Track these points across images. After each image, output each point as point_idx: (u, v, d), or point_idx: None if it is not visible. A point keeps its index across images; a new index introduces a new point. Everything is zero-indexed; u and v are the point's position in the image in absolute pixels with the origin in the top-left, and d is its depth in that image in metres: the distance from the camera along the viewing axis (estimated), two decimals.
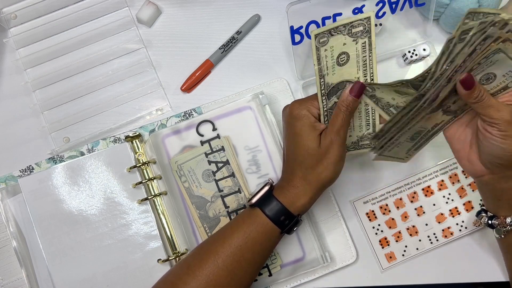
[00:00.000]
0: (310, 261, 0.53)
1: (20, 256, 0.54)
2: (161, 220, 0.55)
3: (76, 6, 0.61)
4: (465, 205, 0.56)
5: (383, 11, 0.55)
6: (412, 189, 0.56)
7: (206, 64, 0.59)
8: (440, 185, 0.56)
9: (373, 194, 0.56)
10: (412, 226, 0.55)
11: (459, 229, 0.55)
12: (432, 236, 0.55)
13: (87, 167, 0.55)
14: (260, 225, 0.46)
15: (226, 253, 0.45)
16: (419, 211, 0.56)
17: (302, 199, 0.46)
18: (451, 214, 0.56)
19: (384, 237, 0.55)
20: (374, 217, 0.56)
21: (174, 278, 0.46)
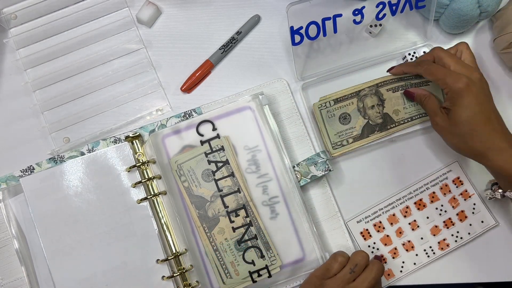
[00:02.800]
0: (310, 262, 0.53)
1: (21, 256, 0.54)
2: (161, 219, 0.55)
3: (76, 7, 0.61)
4: (459, 215, 0.56)
5: (383, 13, 0.55)
6: (404, 203, 0.56)
7: (206, 65, 0.59)
8: (432, 197, 0.56)
9: (366, 212, 0.56)
10: (407, 241, 0.55)
11: (455, 240, 0.55)
12: (428, 249, 0.55)
13: (87, 167, 0.55)
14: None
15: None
16: (413, 226, 0.56)
17: None
18: (445, 226, 0.55)
19: (381, 254, 0.55)
20: (368, 235, 0.55)
21: None
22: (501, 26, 0.57)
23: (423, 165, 0.57)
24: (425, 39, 0.59)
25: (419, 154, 0.57)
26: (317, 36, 0.54)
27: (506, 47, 0.56)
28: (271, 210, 0.54)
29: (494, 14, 0.57)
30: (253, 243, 0.53)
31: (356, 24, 0.55)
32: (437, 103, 0.52)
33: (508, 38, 0.55)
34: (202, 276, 0.53)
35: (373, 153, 0.57)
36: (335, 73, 0.58)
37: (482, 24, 0.61)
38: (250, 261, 0.53)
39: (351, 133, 0.55)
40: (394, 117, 0.56)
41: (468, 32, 0.60)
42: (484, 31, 0.60)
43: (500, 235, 0.55)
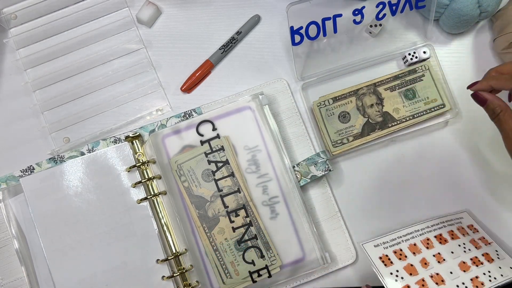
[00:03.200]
0: (310, 262, 0.53)
1: (21, 256, 0.54)
2: (161, 219, 0.55)
3: (76, 7, 0.61)
4: (485, 256, 0.51)
5: (383, 13, 0.55)
6: (425, 235, 0.52)
7: (206, 65, 0.59)
8: (452, 234, 0.52)
9: (382, 238, 0.51)
10: (436, 274, 0.49)
11: (489, 279, 0.49)
12: (461, 285, 0.48)
13: (87, 167, 0.55)
14: None
15: None
16: (438, 258, 0.50)
17: None
18: (473, 263, 0.50)
19: (407, 285, 0.47)
20: (389, 262, 0.49)
21: None
22: (501, 26, 0.57)
23: (424, 165, 0.57)
24: (425, 39, 0.59)
25: (420, 154, 0.57)
26: (317, 36, 0.54)
27: (506, 47, 0.56)
28: (271, 210, 0.54)
29: (494, 14, 0.57)
30: (253, 243, 0.53)
31: (356, 24, 0.55)
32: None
33: (508, 38, 0.55)
34: (202, 276, 0.53)
35: (373, 153, 0.57)
36: (335, 73, 0.58)
37: (482, 24, 0.61)
38: (250, 261, 0.53)
39: (351, 132, 0.55)
40: (394, 115, 0.56)
41: (468, 32, 0.60)
42: (484, 31, 0.60)
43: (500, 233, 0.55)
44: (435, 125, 0.57)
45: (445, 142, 0.58)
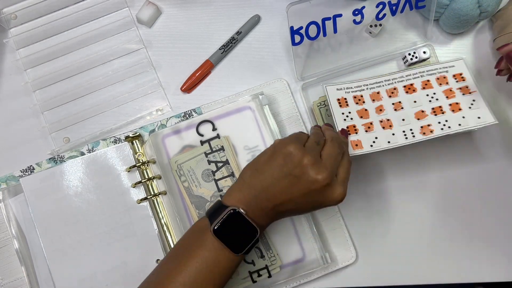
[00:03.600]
0: (310, 262, 0.53)
1: (21, 256, 0.54)
2: (160, 220, 0.55)
3: (76, 7, 0.61)
4: (452, 106, 0.51)
5: (383, 13, 0.55)
6: (393, 85, 0.53)
7: (206, 65, 0.59)
8: (425, 84, 0.53)
9: (348, 84, 0.53)
10: (386, 119, 0.52)
11: (441, 127, 0.50)
12: (408, 131, 0.51)
13: (87, 167, 0.55)
14: (235, 262, 0.45)
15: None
16: (396, 106, 0.52)
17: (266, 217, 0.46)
18: (433, 113, 0.51)
19: (353, 124, 0.51)
20: (345, 104, 0.52)
21: None
22: (501, 26, 0.57)
23: (426, 165, 0.57)
24: (425, 39, 0.59)
25: (420, 154, 0.57)
26: (317, 36, 0.54)
27: None
28: None
29: (494, 14, 0.57)
30: None
31: (356, 24, 0.55)
32: None
33: (508, 38, 0.55)
34: None
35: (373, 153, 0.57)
36: (335, 73, 0.58)
37: (482, 24, 0.61)
38: (250, 261, 0.53)
39: None
40: None
41: (468, 32, 0.60)
42: (484, 31, 0.60)
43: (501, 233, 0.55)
44: None
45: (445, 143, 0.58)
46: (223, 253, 0.43)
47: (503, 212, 0.56)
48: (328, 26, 0.54)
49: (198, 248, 0.43)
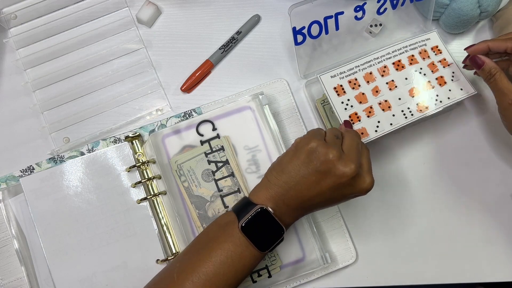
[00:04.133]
0: (310, 262, 0.53)
1: (21, 256, 0.54)
2: (160, 220, 0.55)
3: (76, 6, 0.61)
4: (438, 80, 0.54)
5: (384, 7, 0.55)
6: (382, 63, 0.55)
7: (206, 64, 0.59)
8: (411, 59, 0.55)
9: (341, 68, 0.54)
10: (384, 101, 0.53)
11: (434, 103, 0.53)
12: (406, 110, 0.53)
13: (87, 167, 0.55)
14: (258, 259, 0.45)
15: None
16: (390, 85, 0.54)
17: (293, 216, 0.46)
18: (424, 88, 0.54)
19: (355, 112, 0.53)
20: (342, 92, 0.54)
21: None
22: (501, 26, 0.57)
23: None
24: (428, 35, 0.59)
25: (421, 153, 0.57)
26: (319, 35, 0.54)
27: None
28: None
29: (494, 14, 0.57)
30: None
31: (358, 20, 0.55)
32: (509, 80, 0.49)
33: None
34: None
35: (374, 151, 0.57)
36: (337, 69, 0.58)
37: (482, 24, 0.61)
38: None
39: None
40: None
41: (468, 32, 0.60)
42: (484, 31, 0.60)
43: (501, 233, 0.55)
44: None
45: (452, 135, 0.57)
46: (248, 249, 0.43)
47: (503, 212, 0.56)
48: (330, 25, 0.54)
49: (223, 241, 0.44)
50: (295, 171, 0.44)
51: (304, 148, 0.44)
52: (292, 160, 0.45)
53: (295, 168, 0.44)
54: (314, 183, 0.44)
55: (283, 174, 0.45)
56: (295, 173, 0.44)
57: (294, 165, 0.44)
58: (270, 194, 0.45)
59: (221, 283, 0.42)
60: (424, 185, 0.57)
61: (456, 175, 0.57)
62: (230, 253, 0.43)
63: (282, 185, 0.44)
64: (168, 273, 0.45)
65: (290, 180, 0.44)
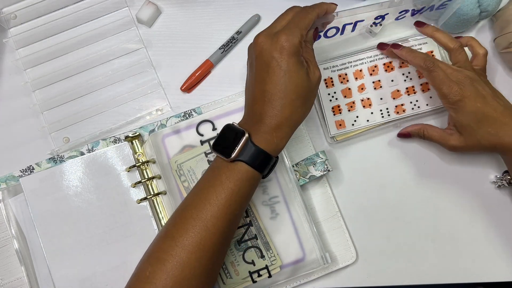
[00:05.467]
0: (310, 262, 0.53)
1: (21, 256, 0.54)
2: (160, 220, 0.55)
3: (76, 6, 0.61)
4: (422, 86, 0.57)
5: (404, 16, 0.56)
6: (374, 62, 0.57)
7: (206, 64, 0.59)
8: (402, 63, 0.57)
9: (334, 61, 0.57)
10: (367, 98, 0.57)
11: (412, 107, 0.56)
12: (384, 110, 0.56)
13: (87, 167, 0.55)
14: (244, 176, 0.44)
15: (213, 214, 0.43)
16: (376, 85, 0.57)
17: (284, 141, 0.46)
18: (407, 92, 0.56)
19: (338, 105, 0.56)
20: (331, 84, 0.57)
21: (162, 254, 0.43)
22: (502, 26, 0.57)
23: (427, 161, 0.57)
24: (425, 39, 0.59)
25: (422, 153, 0.57)
26: (334, 35, 0.56)
27: (507, 46, 0.56)
28: (271, 210, 0.54)
29: (494, 13, 0.57)
30: (253, 243, 0.53)
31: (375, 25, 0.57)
32: (438, 129, 0.54)
33: (509, 38, 0.55)
34: None
35: (373, 154, 0.57)
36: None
37: (482, 24, 0.60)
38: (250, 261, 0.53)
39: None
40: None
41: (468, 32, 0.60)
42: (484, 31, 0.60)
43: (501, 233, 0.55)
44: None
45: None
46: (221, 162, 0.45)
47: (504, 212, 0.56)
48: (347, 28, 0.55)
49: (209, 170, 0.46)
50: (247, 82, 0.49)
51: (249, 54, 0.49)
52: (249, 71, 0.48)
53: (248, 78, 0.48)
54: (259, 82, 0.45)
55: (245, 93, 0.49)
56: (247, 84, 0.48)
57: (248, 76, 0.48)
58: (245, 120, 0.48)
59: (206, 204, 0.44)
60: (424, 185, 0.57)
61: (456, 175, 0.57)
62: (207, 175, 0.46)
63: (246, 102, 0.48)
64: (181, 211, 0.46)
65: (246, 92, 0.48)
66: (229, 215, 0.44)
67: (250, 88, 0.47)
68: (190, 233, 0.43)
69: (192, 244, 0.43)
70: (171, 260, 0.42)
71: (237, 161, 0.44)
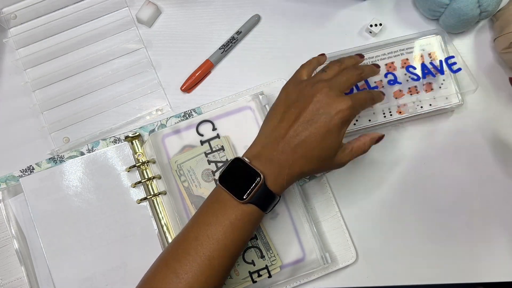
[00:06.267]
0: (310, 262, 0.53)
1: (21, 256, 0.54)
2: (160, 220, 0.55)
3: (76, 6, 0.61)
4: (426, 86, 0.56)
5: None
6: (376, 63, 0.56)
7: (206, 64, 0.59)
8: (404, 63, 0.56)
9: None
10: None
11: (415, 108, 0.55)
12: (386, 110, 0.55)
13: (87, 167, 0.55)
14: (251, 217, 0.44)
15: (220, 254, 0.43)
16: (378, 84, 0.56)
17: (289, 185, 0.46)
18: (409, 92, 0.56)
19: None
20: None
21: (161, 285, 0.43)
22: (502, 26, 0.57)
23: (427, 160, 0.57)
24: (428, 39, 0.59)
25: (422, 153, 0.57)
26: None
27: (507, 47, 0.56)
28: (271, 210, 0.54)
29: (494, 13, 0.57)
30: (253, 243, 0.53)
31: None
32: None
33: (509, 38, 0.55)
34: None
35: (373, 154, 0.57)
36: None
37: (483, 24, 0.60)
38: (250, 261, 0.53)
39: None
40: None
41: (468, 32, 0.60)
42: (485, 31, 0.60)
43: (500, 235, 0.55)
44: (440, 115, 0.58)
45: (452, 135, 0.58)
46: (229, 201, 0.44)
47: (503, 212, 0.56)
48: None
49: (208, 200, 0.46)
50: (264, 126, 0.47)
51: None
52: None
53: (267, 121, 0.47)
54: (297, 117, 0.44)
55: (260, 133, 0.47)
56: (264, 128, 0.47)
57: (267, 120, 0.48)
58: (255, 150, 0.46)
59: (211, 245, 0.42)
60: (424, 185, 0.57)
61: (456, 175, 0.57)
62: (215, 211, 0.44)
63: (267, 132, 0.46)
64: (167, 247, 0.46)
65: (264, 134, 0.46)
66: (234, 252, 0.44)
67: (280, 123, 0.45)
68: (195, 270, 0.42)
69: (197, 282, 0.42)
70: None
71: (247, 203, 0.43)
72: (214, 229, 0.43)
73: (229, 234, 0.43)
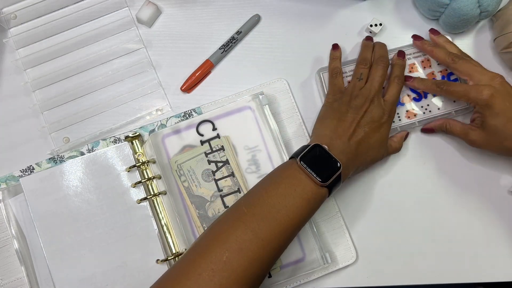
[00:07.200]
0: (310, 262, 0.53)
1: (21, 256, 0.54)
2: (161, 220, 0.55)
3: (76, 6, 0.61)
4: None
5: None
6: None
7: (206, 64, 0.59)
8: (411, 67, 0.57)
9: (343, 67, 0.57)
10: None
11: (423, 111, 0.56)
12: (395, 115, 0.56)
13: (87, 167, 0.55)
14: (323, 200, 0.47)
15: (292, 222, 0.45)
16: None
17: (351, 175, 0.51)
18: (417, 96, 0.56)
19: None
20: None
21: (242, 245, 0.43)
22: (502, 26, 0.57)
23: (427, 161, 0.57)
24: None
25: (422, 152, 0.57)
26: None
27: (507, 46, 0.56)
28: None
29: (494, 13, 0.57)
30: None
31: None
32: (460, 123, 0.54)
33: (509, 38, 0.55)
34: None
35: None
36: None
37: (483, 24, 0.60)
38: None
39: None
40: None
41: (468, 32, 0.60)
42: (484, 31, 0.60)
43: (500, 235, 0.55)
44: None
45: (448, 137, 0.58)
46: (309, 183, 0.46)
47: (504, 212, 0.56)
48: None
49: (286, 177, 0.47)
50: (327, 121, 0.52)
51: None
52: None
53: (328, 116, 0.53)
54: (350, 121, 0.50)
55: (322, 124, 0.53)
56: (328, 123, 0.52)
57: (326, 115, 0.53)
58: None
59: (287, 215, 0.44)
60: (424, 185, 0.57)
61: (456, 175, 0.57)
62: (293, 186, 0.45)
63: (325, 134, 0.50)
64: (236, 207, 0.46)
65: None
66: (297, 231, 0.46)
67: (340, 122, 0.51)
68: (275, 231, 0.44)
69: (273, 242, 0.44)
70: (251, 254, 0.42)
71: (324, 187, 0.46)
72: (292, 201, 0.45)
73: (304, 210, 0.45)
